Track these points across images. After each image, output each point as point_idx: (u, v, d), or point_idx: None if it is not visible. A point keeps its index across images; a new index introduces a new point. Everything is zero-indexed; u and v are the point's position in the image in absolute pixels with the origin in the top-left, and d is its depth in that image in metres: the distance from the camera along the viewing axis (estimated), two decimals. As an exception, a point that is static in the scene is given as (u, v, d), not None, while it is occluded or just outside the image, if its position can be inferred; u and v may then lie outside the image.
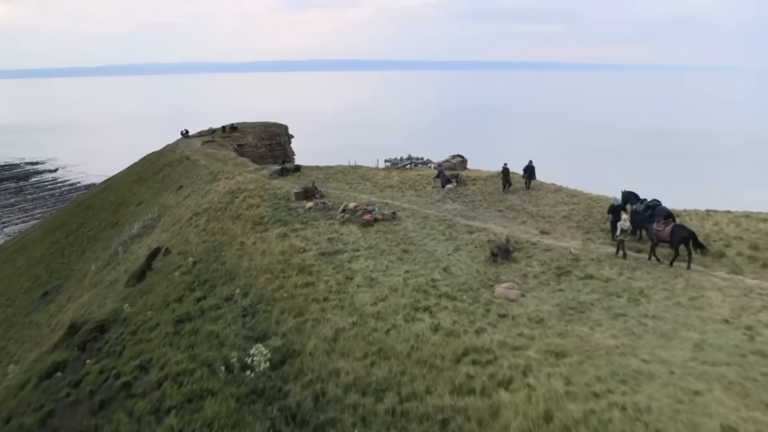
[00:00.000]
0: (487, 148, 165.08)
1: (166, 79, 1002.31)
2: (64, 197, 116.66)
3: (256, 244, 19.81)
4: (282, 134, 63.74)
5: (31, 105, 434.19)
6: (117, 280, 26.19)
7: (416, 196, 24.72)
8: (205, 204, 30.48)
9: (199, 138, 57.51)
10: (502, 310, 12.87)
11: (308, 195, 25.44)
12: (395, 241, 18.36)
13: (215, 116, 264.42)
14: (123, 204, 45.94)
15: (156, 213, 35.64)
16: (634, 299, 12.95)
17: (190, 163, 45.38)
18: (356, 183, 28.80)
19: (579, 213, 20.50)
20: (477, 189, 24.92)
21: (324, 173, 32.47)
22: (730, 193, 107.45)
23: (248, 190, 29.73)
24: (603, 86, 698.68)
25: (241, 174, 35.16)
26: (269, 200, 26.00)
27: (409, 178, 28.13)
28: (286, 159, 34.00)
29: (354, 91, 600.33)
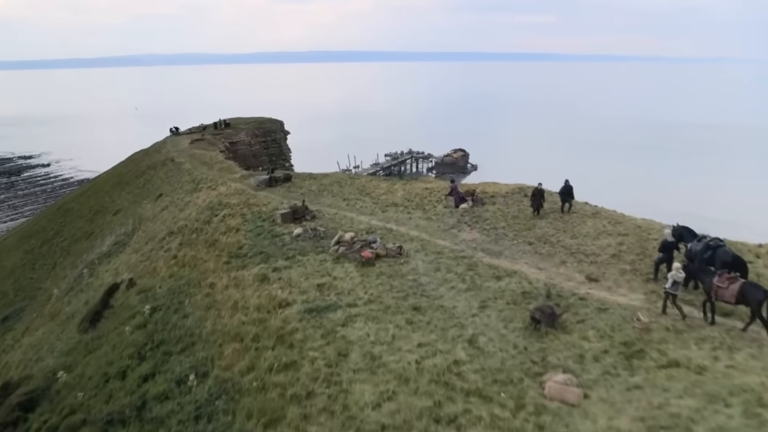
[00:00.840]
0: (487, 141, 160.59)
1: (164, 71, 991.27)
2: (55, 193, 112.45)
3: (229, 289, 15.69)
4: (277, 130, 59.49)
5: (27, 97, 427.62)
6: (74, 315, 22.09)
7: (425, 219, 20.50)
8: (181, 221, 26.31)
9: (189, 136, 53.23)
10: (560, 428, 8.81)
11: (297, 216, 21.26)
12: (402, 291, 14.22)
13: (212, 109, 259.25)
14: (100, 211, 41.73)
15: (130, 227, 31.45)
16: (752, 412, 8.88)
17: (174, 166, 41.14)
18: (354, 198, 24.54)
19: (630, 249, 16.33)
20: (497, 210, 20.73)
21: (317, 184, 28.20)
22: (736, 188, 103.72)
23: (230, 205, 25.54)
24: (602, 78, 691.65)
25: (225, 183, 30.95)
26: (252, 222, 21.83)
27: (415, 194, 23.89)
28: (276, 166, 29.55)
29: (353, 83, 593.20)
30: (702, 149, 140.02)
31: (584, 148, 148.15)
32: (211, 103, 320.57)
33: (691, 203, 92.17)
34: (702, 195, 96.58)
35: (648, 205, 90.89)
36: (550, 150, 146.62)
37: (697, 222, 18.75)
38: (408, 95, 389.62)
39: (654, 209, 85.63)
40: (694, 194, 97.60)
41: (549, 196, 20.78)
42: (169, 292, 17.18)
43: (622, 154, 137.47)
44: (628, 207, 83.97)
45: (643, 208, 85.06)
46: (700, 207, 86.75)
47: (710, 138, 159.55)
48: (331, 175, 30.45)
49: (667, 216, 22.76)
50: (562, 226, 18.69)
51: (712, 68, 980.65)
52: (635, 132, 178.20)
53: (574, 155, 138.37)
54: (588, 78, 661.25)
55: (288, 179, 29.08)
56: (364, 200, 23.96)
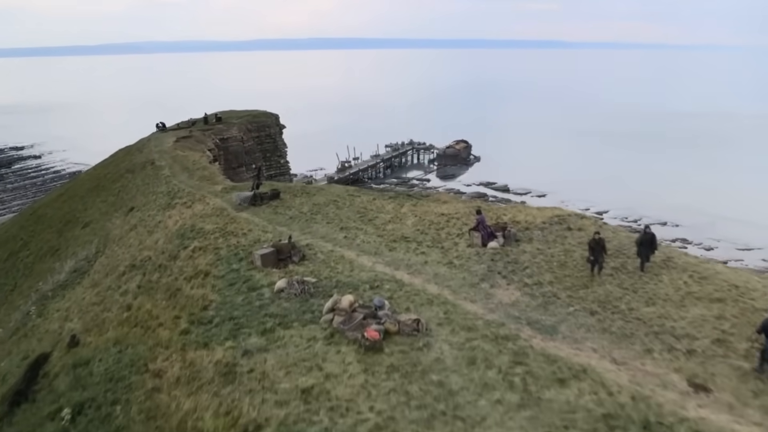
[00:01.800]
0: (489, 131, 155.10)
1: (164, 58, 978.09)
2: (46, 186, 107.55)
3: (179, 386, 11.09)
4: (272, 125, 54.47)
5: (26, 84, 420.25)
6: (5, 377, 17.50)
7: (446, 265, 15.68)
8: (146, 250, 21.59)
9: (176, 132, 48.17)
10: None
11: (281, 257, 16.57)
12: (425, 406, 9.52)
13: (211, 98, 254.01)
14: (71, 222, 36.94)
15: (93, 249, 26.76)
16: None
17: (153, 171, 36.25)
18: (353, 227, 19.71)
19: (737, 329, 11.64)
20: (537, 252, 16.03)
21: (310, 203, 23.34)
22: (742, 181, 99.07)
23: (203, 233, 20.79)
24: (606, 66, 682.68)
25: (203, 198, 26.16)
26: (225, 262, 17.14)
27: (430, 222, 19.12)
28: (261, 182, 24.59)
29: (352, 71, 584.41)
30: (716, 140, 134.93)
31: (589, 138, 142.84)
32: (210, 92, 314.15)
33: (703, 199, 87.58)
34: (713, 189, 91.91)
35: (659, 199, 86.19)
36: (553, 140, 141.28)
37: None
38: (408, 83, 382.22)
39: (667, 205, 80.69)
40: (705, 188, 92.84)
41: (614, 234, 15.95)
42: (106, 378, 12.57)
43: (630, 144, 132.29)
44: (637, 201, 77.08)
45: (654, 203, 79.65)
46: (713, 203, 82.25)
47: (724, 128, 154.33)
48: (326, 190, 25.56)
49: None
50: (630, 282, 13.99)
51: (715, 56, 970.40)
52: (643, 121, 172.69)
53: (578, 145, 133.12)
54: (591, 66, 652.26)
55: (275, 196, 24.25)
56: (366, 230, 19.17)
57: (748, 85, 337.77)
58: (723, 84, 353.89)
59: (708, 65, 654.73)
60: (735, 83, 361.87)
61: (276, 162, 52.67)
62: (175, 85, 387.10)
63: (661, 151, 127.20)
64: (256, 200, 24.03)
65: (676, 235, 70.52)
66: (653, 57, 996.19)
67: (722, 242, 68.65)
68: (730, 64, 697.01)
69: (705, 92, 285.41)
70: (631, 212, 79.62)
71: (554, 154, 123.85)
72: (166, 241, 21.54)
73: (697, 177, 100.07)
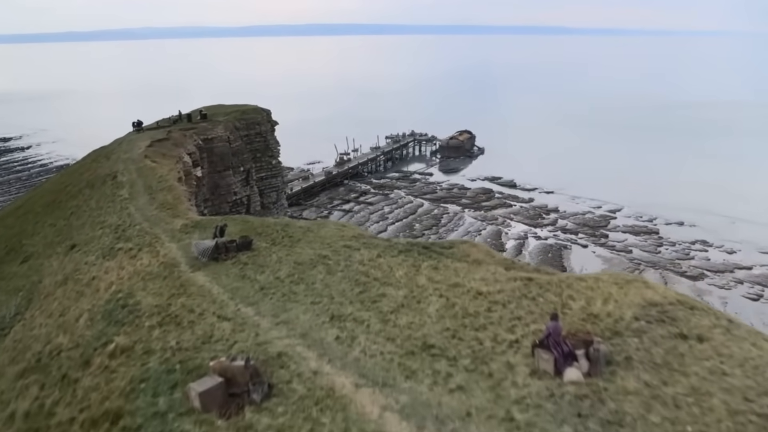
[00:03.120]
0: (492, 120, 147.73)
1: (159, 44, 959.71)
2: (31, 181, 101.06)
3: None
4: (263, 121, 47.62)
5: (18, 72, 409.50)
6: None
7: (503, 421, 9.24)
8: (63, 333, 15.21)
9: (154, 132, 41.34)
10: None
11: (232, 392, 10.17)
12: None
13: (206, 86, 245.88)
14: (13, 251, 30.34)
15: (12, 310, 20.34)
16: None
17: (112, 189, 29.60)
18: (350, 315, 12.98)
19: None
20: (648, 394, 9.70)
21: (291, 261, 16.57)
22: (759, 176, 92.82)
23: (137, 316, 14.29)
24: (608, 52, 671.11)
25: (154, 243, 19.61)
26: (149, 393, 10.81)
27: (463, 311, 12.66)
28: (225, 224, 17.73)
29: (351, 57, 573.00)
30: (726, 131, 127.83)
31: (595, 128, 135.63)
32: (208, 79, 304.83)
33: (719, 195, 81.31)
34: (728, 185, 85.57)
35: (673, 195, 79.82)
36: (558, 129, 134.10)
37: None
38: (407, 69, 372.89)
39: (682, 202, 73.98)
40: (720, 184, 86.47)
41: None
42: None
43: (638, 135, 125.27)
44: (651, 198, 68.51)
45: (669, 200, 72.62)
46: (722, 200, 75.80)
47: (735, 117, 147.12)
48: (315, 233, 18.62)
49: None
50: None
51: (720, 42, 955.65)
52: (650, 110, 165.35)
53: (585, 135, 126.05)
54: (594, 52, 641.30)
55: (246, 246, 17.69)
56: (368, 322, 12.67)
57: (757, 72, 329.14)
58: (730, 71, 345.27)
59: (713, 51, 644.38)
60: (743, 70, 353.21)
61: (267, 163, 46.09)
62: (172, 72, 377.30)
63: (671, 142, 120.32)
64: (219, 252, 17.51)
65: (694, 236, 64.39)
66: (656, 43, 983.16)
67: (744, 244, 62.66)
68: (736, 50, 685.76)
69: (713, 80, 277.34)
70: (646, 210, 73.32)
71: (560, 145, 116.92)
72: (88, 320, 15.12)
73: (711, 171, 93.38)
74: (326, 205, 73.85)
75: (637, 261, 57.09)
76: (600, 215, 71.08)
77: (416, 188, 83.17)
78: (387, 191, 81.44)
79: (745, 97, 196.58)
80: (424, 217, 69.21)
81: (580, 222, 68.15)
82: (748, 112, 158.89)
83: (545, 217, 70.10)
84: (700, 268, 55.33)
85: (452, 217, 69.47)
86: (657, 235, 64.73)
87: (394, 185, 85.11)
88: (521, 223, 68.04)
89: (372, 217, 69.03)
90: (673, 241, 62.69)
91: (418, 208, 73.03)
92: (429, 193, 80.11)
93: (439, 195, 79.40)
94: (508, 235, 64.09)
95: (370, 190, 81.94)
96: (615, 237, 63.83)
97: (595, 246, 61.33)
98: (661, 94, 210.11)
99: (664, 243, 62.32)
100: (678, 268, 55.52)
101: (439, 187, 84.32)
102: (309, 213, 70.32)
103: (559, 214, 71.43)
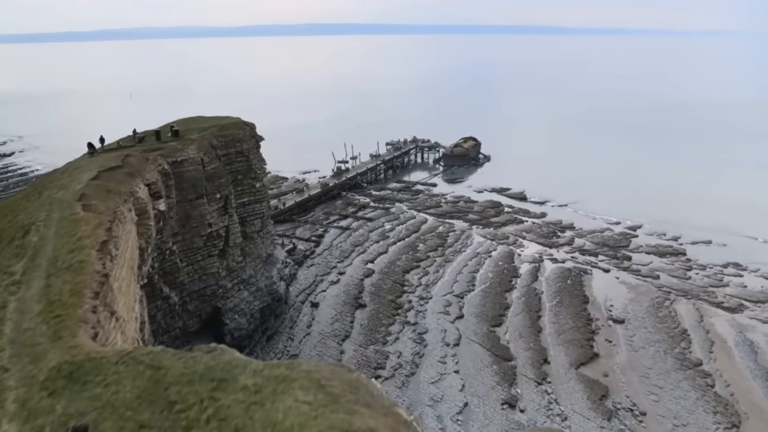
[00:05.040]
0: (498, 125, 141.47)
1: (158, 44, 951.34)
2: (7, 193, 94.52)
3: None
4: (245, 138, 41.13)
5: (15, 72, 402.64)
6: None
7: None
8: None
9: (110, 155, 33.91)
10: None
11: None
12: None
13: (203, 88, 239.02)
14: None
15: None
16: None
17: (12, 255, 21.31)
18: None
19: None
20: None
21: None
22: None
23: None
24: (609, 52, 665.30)
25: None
26: None
27: None
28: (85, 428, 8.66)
29: (349, 58, 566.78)
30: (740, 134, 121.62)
31: (605, 133, 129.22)
32: (205, 80, 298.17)
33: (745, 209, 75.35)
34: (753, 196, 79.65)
35: (696, 210, 73.70)
36: (567, 134, 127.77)
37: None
38: (406, 70, 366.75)
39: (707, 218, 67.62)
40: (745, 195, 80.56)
41: None
42: None
43: (651, 141, 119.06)
44: (673, 212, 59.66)
45: (692, 215, 65.63)
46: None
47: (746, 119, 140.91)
48: (265, 423, 9.51)
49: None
50: None
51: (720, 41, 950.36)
52: (660, 113, 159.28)
53: (595, 141, 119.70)
54: (595, 53, 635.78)
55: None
56: None
57: (762, 72, 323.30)
58: (733, 71, 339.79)
59: (714, 51, 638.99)
60: (746, 70, 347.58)
61: (249, 186, 39.80)
62: (171, 72, 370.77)
63: (685, 147, 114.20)
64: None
65: (726, 257, 58.32)
66: (657, 43, 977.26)
67: (782, 266, 56.63)
68: (737, 50, 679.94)
69: (716, 80, 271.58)
70: (669, 227, 67.24)
71: (570, 151, 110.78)
72: None
73: (733, 180, 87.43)
74: (322, 221, 67.74)
75: (666, 289, 51.07)
76: (619, 233, 65.04)
77: (419, 201, 77.08)
78: (388, 204, 75.42)
79: (753, 99, 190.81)
80: (429, 236, 63.15)
81: (599, 241, 62.12)
82: (760, 115, 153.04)
83: (560, 235, 64.07)
84: (738, 297, 49.33)
85: (459, 236, 63.42)
86: (684, 256, 58.73)
87: (396, 197, 79.05)
88: (535, 243, 62.03)
89: (371, 236, 62.98)
90: (703, 264, 56.67)
91: (421, 225, 66.97)
92: (433, 207, 74.05)
93: (444, 209, 73.35)
94: (521, 257, 58.06)
95: (370, 204, 75.86)
96: (639, 259, 57.83)
97: (618, 270, 55.34)
98: (665, 95, 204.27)
99: (693, 266, 56.34)
100: (713, 297, 49.52)
101: (444, 199, 78.27)
102: (303, 231, 64.21)
103: (575, 231, 65.40)
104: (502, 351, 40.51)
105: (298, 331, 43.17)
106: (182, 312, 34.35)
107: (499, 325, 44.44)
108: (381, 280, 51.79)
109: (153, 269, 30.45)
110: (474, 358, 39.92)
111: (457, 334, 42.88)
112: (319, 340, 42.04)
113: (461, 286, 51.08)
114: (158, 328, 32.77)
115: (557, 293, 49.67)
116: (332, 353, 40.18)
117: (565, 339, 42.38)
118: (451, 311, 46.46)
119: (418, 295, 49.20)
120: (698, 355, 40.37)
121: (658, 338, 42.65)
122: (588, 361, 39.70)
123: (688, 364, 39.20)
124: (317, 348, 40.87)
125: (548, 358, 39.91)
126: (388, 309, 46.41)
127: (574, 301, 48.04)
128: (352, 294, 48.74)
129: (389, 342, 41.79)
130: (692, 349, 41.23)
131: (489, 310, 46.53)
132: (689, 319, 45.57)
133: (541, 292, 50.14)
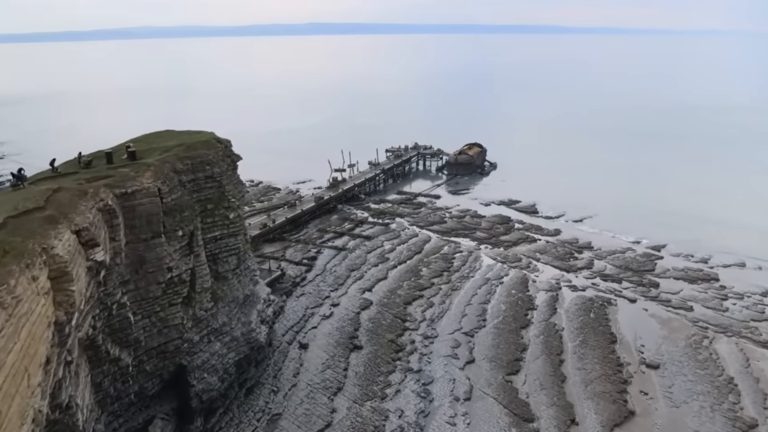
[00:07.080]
0: (502, 129, 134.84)
1: (157, 44, 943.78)
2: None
3: None
4: (216, 161, 33.74)
5: (13, 73, 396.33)
6: None
7: None
8: None
9: (43, 186, 26.46)
10: None
11: None
12: None
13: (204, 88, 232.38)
14: None
15: None
16: None
17: None
18: None
19: None
20: None
21: None
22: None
23: None
24: (612, 52, 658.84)
25: None
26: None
27: None
28: None
29: (347, 58, 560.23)
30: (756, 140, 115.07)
31: (617, 138, 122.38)
32: (204, 80, 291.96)
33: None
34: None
35: (723, 226, 67.45)
36: (576, 139, 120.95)
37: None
38: (408, 70, 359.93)
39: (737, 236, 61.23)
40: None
41: None
42: None
43: (665, 147, 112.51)
44: (698, 230, 50.56)
45: (720, 232, 58.38)
46: None
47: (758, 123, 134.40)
48: None
49: None
50: None
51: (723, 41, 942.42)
52: (668, 116, 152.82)
53: (607, 147, 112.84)
54: (597, 52, 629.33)
55: None
56: None
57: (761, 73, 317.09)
58: (736, 71, 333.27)
59: (715, 51, 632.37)
60: (748, 71, 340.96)
61: (222, 218, 33.34)
62: (171, 72, 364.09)
63: (699, 153, 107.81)
64: None
65: (763, 283, 51.65)
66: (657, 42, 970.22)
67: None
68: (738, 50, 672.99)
69: (720, 80, 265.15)
70: (695, 247, 60.63)
71: (579, 158, 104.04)
72: None
73: (762, 191, 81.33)
74: (315, 240, 61.46)
75: (702, 324, 44.73)
76: (642, 254, 58.74)
77: (421, 216, 70.78)
78: (388, 220, 69.15)
79: (760, 100, 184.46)
80: (433, 258, 56.89)
81: (621, 264, 55.84)
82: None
83: (577, 256, 57.80)
84: (786, 334, 42.95)
85: (466, 258, 57.15)
86: (717, 282, 52.42)
87: (396, 211, 72.77)
88: (550, 266, 55.77)
89: (369, 258, 56.75)
90: (740, 293, 50.35)
91: (424, 245, 60.70)
92: (437, 223, 67.78)
93: (448, 225, 67.08)
94: (536, 284, 51.78)
95: (368, 219, 69.57)
96: (667, 286, 51.53)
97: (645, 299, 49.03)
98: (672, 96, 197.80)
99: (728, 294, 50.04)
100: (756, 334, 43.24)
101: (449, 213, 71.97)
102: (293, 252, 57.94)
103: (594, 252, 59.13)
104: (521, 408, 34.25)
105: (284, 381, 36.91)
106: (138, 374, 28.11)
107: (516, 373, 38.16)
108: (379, 313, 45.54)
109: (95, 329, 24.17)
110: (489, 417, 33.65)
111: (468, 385, 36.61)
112: (307, 393, 35.78)
113: (470, 321, 44.83)
114: (105, 396, 26.49)
115: (580, 330, 43.39)
116: (322, 412, 33.94)
117: (594, 391, 36.10)
118: (460, 354, 40.20)
119: (422, 333, 42.95)
120: (751, 413, 34.09)
121: (702, 389, 36.35)
122: (623, 422, 33.44)
123: (741, 425, 32.94)
124: (304, 404, 34.62)
125: (576, 418, 33.63)
126: (387, 352, 40.15)
127: (600, 341, 41.78)
128: (347, 332, 42.49)
129: (389, 396, 35.53)
130: (743, 404, 34.95)
131: (503, 352, 40.27)
132: (734, 364, 39.29)
133: (561, 328, 43.86)
